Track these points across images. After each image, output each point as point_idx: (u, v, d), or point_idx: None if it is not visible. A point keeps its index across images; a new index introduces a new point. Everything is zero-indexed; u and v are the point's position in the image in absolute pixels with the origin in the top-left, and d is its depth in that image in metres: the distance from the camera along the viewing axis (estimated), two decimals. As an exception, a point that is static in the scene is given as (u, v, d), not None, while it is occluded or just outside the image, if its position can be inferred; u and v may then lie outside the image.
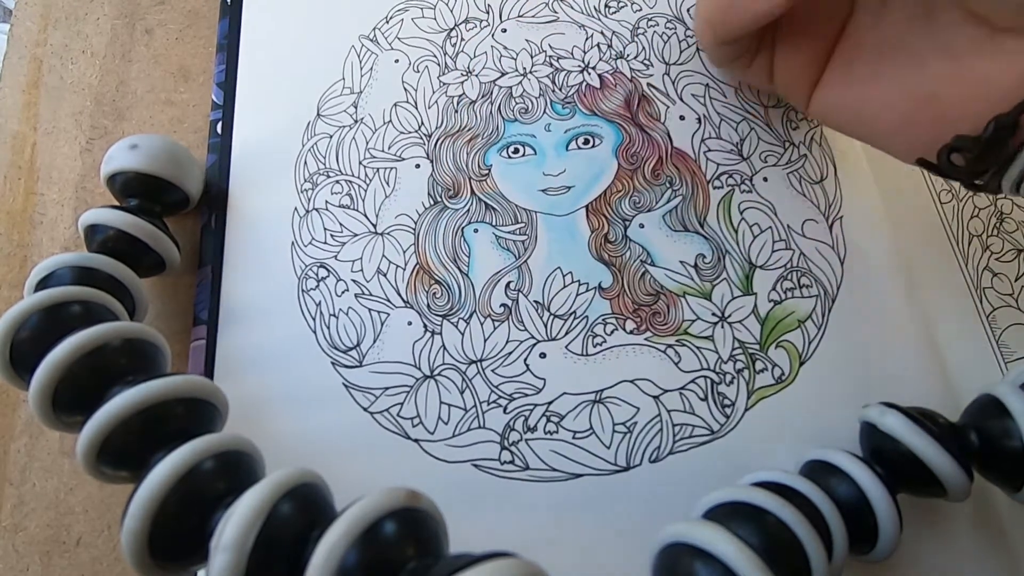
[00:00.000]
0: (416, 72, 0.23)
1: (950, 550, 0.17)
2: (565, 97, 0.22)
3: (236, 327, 0.20)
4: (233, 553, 0.12)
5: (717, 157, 0.21)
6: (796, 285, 0.19)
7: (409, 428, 0.18)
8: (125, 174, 0.18)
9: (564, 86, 0.22)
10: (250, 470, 0.15)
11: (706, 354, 0.19)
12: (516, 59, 0.22)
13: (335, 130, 0.22)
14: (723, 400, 0.18)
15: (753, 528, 0.14)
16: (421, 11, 0.23)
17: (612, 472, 0.18)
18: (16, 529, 0.17)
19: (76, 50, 0.23)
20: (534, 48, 0.23)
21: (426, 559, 0.12)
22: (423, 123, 0.22)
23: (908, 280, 0.20)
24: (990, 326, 0.21)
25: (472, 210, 0.21)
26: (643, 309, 0.19)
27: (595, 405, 0.18)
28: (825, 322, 0.19)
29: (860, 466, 0.15)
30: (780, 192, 0.20)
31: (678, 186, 0.20)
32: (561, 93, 0.22)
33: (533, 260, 0.20)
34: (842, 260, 0.20)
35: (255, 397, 0.19)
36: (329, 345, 0.19)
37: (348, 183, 0.21)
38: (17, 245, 0.21)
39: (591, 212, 0.20)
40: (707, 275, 0.19)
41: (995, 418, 0.15)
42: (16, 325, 0.15)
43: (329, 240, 0.21)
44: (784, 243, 0.20)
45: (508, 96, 0.22)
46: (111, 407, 0.14)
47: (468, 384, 0.19)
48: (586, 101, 0.22)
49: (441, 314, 0.20)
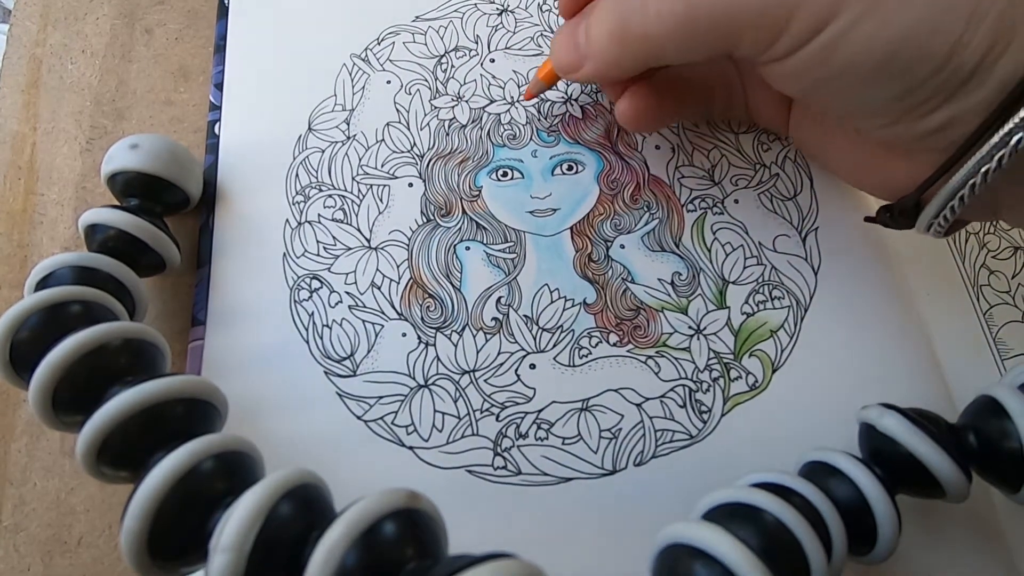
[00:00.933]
0: (408, 94, 0.24)
1: (948, 551, 0.18)
2: (550, 126, 0.23)
3: (226, 332, 0.20)
4: (233, 553, 0.12)
5: (690, 183, 0.22)
6: (768, 297, 0.21)
7: (404, 436, 0.19)
8: (125, 174, 0.18)
9: (549, 115, 0.23)
10: (250, 470, 0.15)
11: (684, 364, 0.20)
12: (504, 88, 0.24)
13: (327, 145, 0.23)
14: (700, 407, 0.19)
15: (753, 529, 0.14)
16: (412, 36, 0.25)
17: (600, 476, 0.19)
18: (17, 529, 0.17)
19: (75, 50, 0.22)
20: (520, 79, 0.24)
21: (426, 560, 0.13)
22: (415, 144, 0.23)
23: (903, 278, 0.21)
24: (987, 323, 0.21)
25: (464, 229, 0.22)
26: (625, 323, 0.20)
27: (582, 413, 0.19)
28: (797, 331, 0.20)
29: (859, 467, 0.15)
30: (751, 212, 0.22)
31: (655, 210, 0.22)
32: (546, 122, 0.23)
33: (522, 277, 0.21)
34: (816, 270, 0.21)
35: (245, 402, 0.18)
36: (322, 355, 0.20)
37: (341, 198, 0.22)
38: (17, 245, 0.20)
39: (575, 233, 0.22)
40: (683, 291, 0.21)
41: (994, 419, 0.15)
42: (16, 325, 0.15)
43: (322, 252, 0.21)
44: (756, 259, 0.21)
45: (497, 123, 0.23)
46: (111, 407, 0.14)
47: (461, 393, 0.19)
48: (569, 130, 0.23)
49: (435, 326, 0.20)
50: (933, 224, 0.16)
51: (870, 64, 0.14)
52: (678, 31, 0.16)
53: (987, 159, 0.14)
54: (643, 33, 0.16)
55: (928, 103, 0.14)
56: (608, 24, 0.17)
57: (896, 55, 0.14)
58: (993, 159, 0.14)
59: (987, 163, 0.14)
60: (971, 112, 0.14)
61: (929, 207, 0.16)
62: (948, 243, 0.23)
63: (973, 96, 0.14)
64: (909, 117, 0.15)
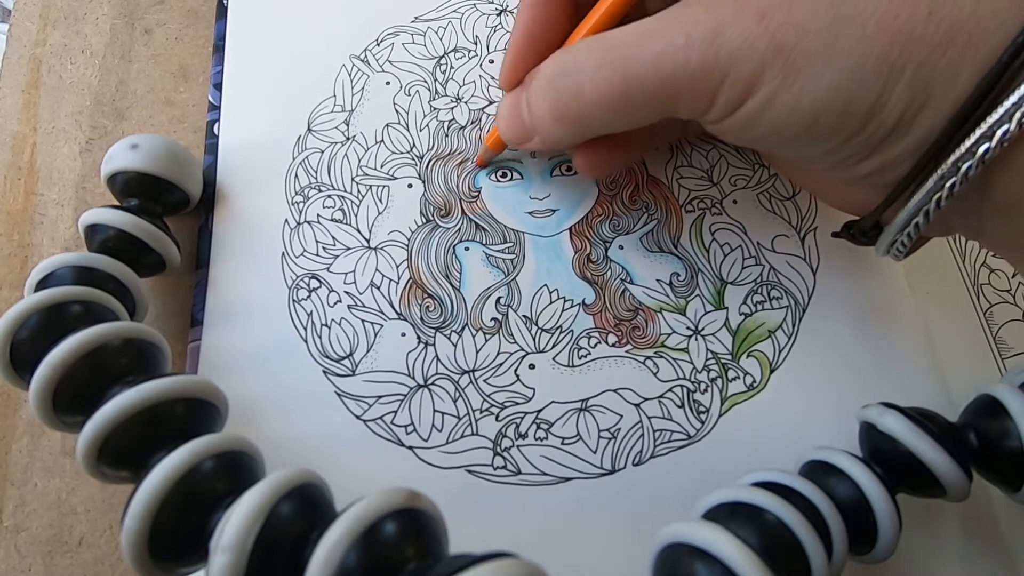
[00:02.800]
0: (407, 95, 0.24)
1: (948, 551, 0.18)
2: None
3: (224, 331, 0.20)
4: (233, 553, 0.12)
5: (689, 184, 0.22)
6: (766, 298, 0.21)
7: (403, 435, 0.19)
8: (125, 174, 0.18)
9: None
10: (250, 470, 0.15)
11: (682, 365, 0.20)
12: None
13: (327, 146, 0.23)
14: (698, 407, 0.20)
15: (753, 528, 0.14)
16: (411, 36, 0.25)
17: (599, 475, 0.19)
18: (18, 529, 0.17)
19: (75, 50, 0.22)
20: (520, 80, 0.24)
21: (426, 559, 0.13)
22: (415, 145, 0.23)
23: (902, 277, 0.21)
24: (987, 322, 0.21)
25: (463, 229, 0.22)
26: (623, 324, 0.20)
27: (581, 413, 0.19)
28: (796, 331, 0.20)
29: (859, 466, 0.15)
30: (749, 212, 0.22)
31: (653, 211, 0.22)
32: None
33: (521, 277, 0.21)
34: (815, 270, 0.21)
35: (243, 401, 0.19)
36: (321, 354, 0.20)
37: (340, 198, 0.22)
38: (17, 245, 0.20)
39: (574, 234, 0.22)
40: (681, 292, 0.21)
41: (994, 418, 0.15)
42: (16, 325, 0.15)
43: (321, 252, 0.21)
44: (754, 259, 0.21)
45: (495, 123, 0.23)
46: (111, 407, 0.14)
47: (461, 393, 0.19)
48: (568, 130, 0.23)
49: (434, 326, 0.20)
50: (892, 249, 0.16)
51: (793, 129, 0.15)
52: (617, 106, 0.16)
53: (925, 201, 0.14)
54: (582, 115, 0.17)
55: (855, 156, 0.15)
56: (548, 105, 0.18)
57: (816, 120, 0.14)
58: (931, 201, 0.14)
59: (938, 191, 0.14)
60: (901, 157, 0.14)
61: (886, 232, 0.16)
62: (948, 242, 0.23)
63: (898, 146, 0.14)
64: (843, 165, 0.15)
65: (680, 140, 0.23)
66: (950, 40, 0.13)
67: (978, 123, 0.13)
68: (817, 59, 0.14)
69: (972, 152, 0.13)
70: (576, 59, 0.17)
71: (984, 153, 0.13)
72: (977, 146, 0.13)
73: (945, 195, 0.14)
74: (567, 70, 0.17)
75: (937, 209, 0.14)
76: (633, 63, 0.15)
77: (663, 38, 0.15)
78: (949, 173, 0.14)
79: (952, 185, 0.14)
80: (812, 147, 0.15)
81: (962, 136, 0.13)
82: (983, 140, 0.13)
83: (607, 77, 0.16)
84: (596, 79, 0.16)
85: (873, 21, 0.13)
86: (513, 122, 0.19)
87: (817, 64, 0.14)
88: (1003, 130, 0.13)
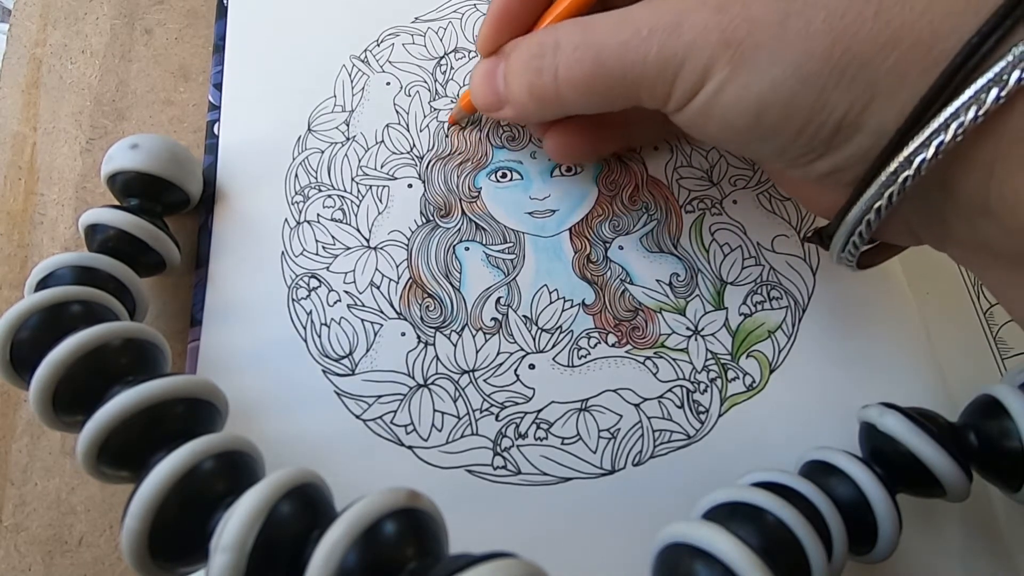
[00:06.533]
0: (408, 96, 0.24)
1: (948, 551, 0.18)
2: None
3: (223, 331, 0.20)
4: (233, 553, 0.12)
5: (689, 184, 0.22)
6: (766, 298, 0.21)
7: (403, 435, 0.19)
8: (125, 174, 0.18)
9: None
10: (250, 470, 0.15)
11: (681, 365, 0.20)
12: (503, 89, 0.24)
13: (327, 146, 0.23)
14: (698, 407, 0.20)
15: (753, 528, 0.14)
16: (412, 37, 0.25)
17: (599, 475, 0.19)
18: (18, 529, 0.17)
19: (75, 50, 0.22)
20: (520, 80, 0.24)
21: (426, 559, 0.13)
22: (415, 145, 0.23)
23: (902, 277, 0.21)
24: (987, 322, 0.21)
25: (463, 229, 0.22)
26: (623, 324, 0.20)
27: (581, 413, 0.19)
28: (795, 331, 0.20)
29: (859, 466, 0.15)
30: (749, 212, 0.22)
31: (653, 211, 0.22)
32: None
33: (521, 277, 0.21)
34: (814, 270, 0.21)
35: (242, 401, 0.18)
36: (320, 353, 0.20)
37: (340, 198, 0.22)
38: (17, 245, 0.20)
39: (574, 234, 0.22)
40: (681, 292, 0.21)
41: (994, 418, 0.15)
42: (16, 325, 0.15)
43: (321, 252, 0.21)
44: (754, 260, 0.21)
45: (496, 124, 0.23)
46: (111, 407, 0.14)
47: (461, 393, 0.19)
48: (568, 131, 0.23)
49: (434, 326, 0.20)
50: (845, 251, 0.16)
51: (741, 124, 0.15)
52: (587, 88, 0.17)
53: (878, 196, 0.14)
54: (557, 93, 0.17)
55: (808, 155, 0.15)
56: (524, 80, 0.18)
57: (761, 115, 0.14)
58: (883, 196, 0.14)
59: (890, 185, 0.14)
60: (854, 158, 0.14)
61: (838, 232, 0.16)
62: (948, 243, 0.23)
63: (849, 146, 0.14)
64: (799, 164, 0.15)
65: (680, 140, 0.23)
66: (897, 41, 0.13)
67: (931, 120, 0.13)
68: (764, 53, 0.14)
69: (926, 145, 0.13)
70: (557, 38, 0.17)
71: (939, 146, 0.13)
72: (931, 139, 0.13)
73: (897, 189, 0.14)
74: (547, 49, 0.17)
75: (889, 205, 0.14)
76: (604, 48, 0.16)
77: (631, 27, 0.15)
78: (902, 167, 0.13)
79: (905, 179, 0.13)
80: (763, 144, 0.15)
81: (916, 131, 0.13)
82: (937, 133, 0.13)
83: (580, 59, 0.16)
84: (571, 60, 0.16)
85: (820, 19, 0.13)
86: (486, 90, 0.19)
87: (763, 58, 0.14)
88: (958, 123, 0.12)
